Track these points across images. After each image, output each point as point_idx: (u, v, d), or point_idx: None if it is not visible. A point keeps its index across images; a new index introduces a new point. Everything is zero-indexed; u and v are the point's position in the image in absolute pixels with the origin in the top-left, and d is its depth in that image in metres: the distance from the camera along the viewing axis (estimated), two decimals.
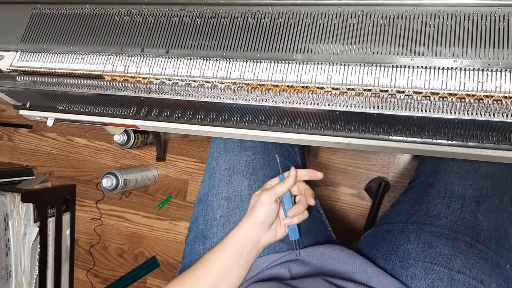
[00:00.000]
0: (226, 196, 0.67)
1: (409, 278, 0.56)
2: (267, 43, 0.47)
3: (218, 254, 0.57)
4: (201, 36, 0.49)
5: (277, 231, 0.60)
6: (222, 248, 0.57)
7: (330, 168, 1.12)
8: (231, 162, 0.68)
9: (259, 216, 0.57)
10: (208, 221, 0.67)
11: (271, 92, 0.47)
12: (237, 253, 0.57)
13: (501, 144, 0.46)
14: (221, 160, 0.69)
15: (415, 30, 0.43)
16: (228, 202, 0.66)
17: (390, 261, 0.59)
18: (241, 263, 0.57)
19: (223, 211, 0.66)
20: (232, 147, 0.69)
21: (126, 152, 1.28)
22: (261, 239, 0.58)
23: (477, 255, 0.54)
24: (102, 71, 0.52)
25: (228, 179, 0.67)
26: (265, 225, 0.58)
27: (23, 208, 1.10)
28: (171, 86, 0.50)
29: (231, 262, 0.56)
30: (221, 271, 0.56)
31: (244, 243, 0.57)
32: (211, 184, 0.69)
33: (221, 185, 0.68)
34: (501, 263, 0.55)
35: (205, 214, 0.68)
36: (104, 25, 0.53)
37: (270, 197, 0.57)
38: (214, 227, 0.66)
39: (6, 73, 0.57)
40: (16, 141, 1.39)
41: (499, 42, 0.40)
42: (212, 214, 0.67)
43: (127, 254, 1.28)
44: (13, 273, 1.09)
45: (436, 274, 0.55)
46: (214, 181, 0.69)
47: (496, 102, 0.40)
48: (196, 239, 0.68)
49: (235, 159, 0.68)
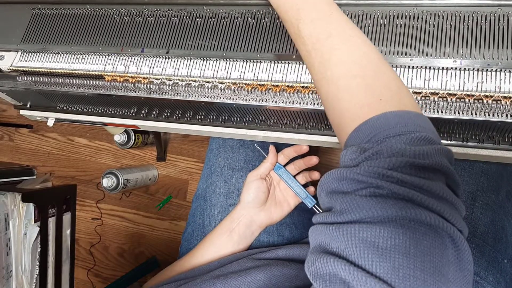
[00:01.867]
0: (224, 193, 0.67)
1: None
2: (267, 43, 0.47)
3: (211, 235, 0.61)
4: (201, 36, 0.49)
5: (272, 212, 0.62)
6: (215, 229, 0.61)
7: (329, 168, 1.12)
8: (230, 159, 0.69)
9: (247, 196, 0.60)
10: (206, 216, 0.68)
11: (271, 92, 0.47)
12: (228, 233, 0.60)
13: (500, 144, 0.46)
14: (220, 157, 0.70)
15: (415, 30, 0.43)
16: (226, 198, 0.67)
17: None
18: (233, 243, 0.60)
19: (221, 207, 0.66)
20: (231, 144, 0.69)
21: (127, 152, 1.28)
22: (255, 220, 0.60)
23: (473, 249, 0.54)
24: (103, 71, 0.52)
25: (227, 176, 0.68)
26: (256, 204, 0.60)
27: (23, 208, 1.10)
28: (171, 86, 0.50)
29: (223, 242, 0.59)
30: (213, 252, 0.59)
31: (237, 224, 0.60)
32: (209, 181, 0.70)
33: (219, 182, 0.68)
34: (498, 258, 0.55)
35: (202, 210, 0.69)
36: (104, 25, 0.53)
37: (254, 174, 0.60)
38: (212, 223, 0.66)
39: (6, 73, 0.57)
40: (17, 141, 1.39)
41: (499, 42, 0.40)
42: (210, 210, 0.67)
43: (127, 254, 1.29)
44: (14, 273, 1.09)
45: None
46: (212, 178, 0.69)
47: (495, 102, 0.40)
48: (193, 234, 0.68)
49: (234, 156, 0.69)
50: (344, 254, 0.29)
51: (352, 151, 0.33)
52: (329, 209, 0.33)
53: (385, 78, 0.35)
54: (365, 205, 0.30)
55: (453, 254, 0.29)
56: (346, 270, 0.28)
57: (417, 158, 0.30)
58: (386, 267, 0.27)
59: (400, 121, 0.32)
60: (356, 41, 0.37)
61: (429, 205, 0.29)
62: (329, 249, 0.30)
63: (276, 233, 0.64)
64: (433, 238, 0.28)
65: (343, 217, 0.30)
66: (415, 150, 0.30)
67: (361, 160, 0.32)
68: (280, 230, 0.65)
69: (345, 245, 0.29)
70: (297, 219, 0.67)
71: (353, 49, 0.37)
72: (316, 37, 0.38)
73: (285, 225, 0.65)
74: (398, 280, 0.26)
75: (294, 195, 0.63)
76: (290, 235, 0.65)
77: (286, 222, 0.65)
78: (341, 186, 0.32)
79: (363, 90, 0.35)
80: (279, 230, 0.64)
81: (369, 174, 0.30)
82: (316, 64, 0.38)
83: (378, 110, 0.33)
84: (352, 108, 0.35)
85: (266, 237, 0.64)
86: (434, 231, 0.28)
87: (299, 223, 0.67)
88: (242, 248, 0.61)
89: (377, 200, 0.29)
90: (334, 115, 0.38)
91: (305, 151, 0.61)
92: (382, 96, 0.34)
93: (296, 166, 0.63)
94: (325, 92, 0.38)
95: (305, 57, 0.40)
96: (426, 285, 0.26)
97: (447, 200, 0.30)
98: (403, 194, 0.29)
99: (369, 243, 0.28)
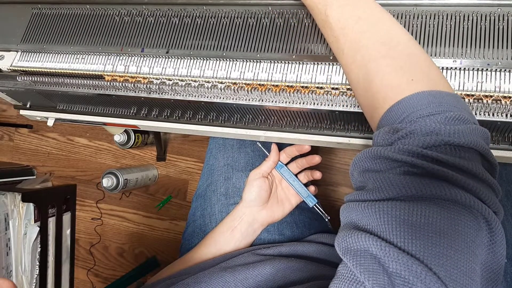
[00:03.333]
0: (224, 192, 0.67)
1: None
2: (267, 43, 0.47)
3: (212, 233, 0.62)
4: (201, 36, 0.49)
5: (274, 210, 0.62)
6: (217, 228, 0.62)
7: (330, 168, 1.12)
8: (230, 158, 0.69)
9: (250, 194, 0.60)
10: (206, 216, 0.68)
11: (271, 92, 0.47)
12: (230, 231, 0.60)
13: (500, 144, 0.46)
14: (220, 156, 0.70)
15: (414, 30, 0.43)
16: (227, 197, 0.67)
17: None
18: (235, 241, 0.60)
19: (221, 207, 0.66)
20: (231, 144, 0.70)
21: (126, 152, 1.28)
22: (257, 218, 0.60)
23: None
24: (103, 71, 0.52)
25: (227, 175, 0.68)
26: (258, 202, 0.60)
27: (23, 208, 1.10)
28: (171, 86, 0.50)
29: (225, 240, 0.60)
30: (215, 249, 0.60)
31: (238, 222, 0.60)
32: (209, 180, 0.70)
33: (219, 181, 0.68)
34: None
35: (203, 209, 0.69)
36: (104, 25, 0.53)
37: (256, 173, 0.60)
38: (212, 222, 0.66)
39: (6, 73, 0.57)
40: (17, 141, 1.39)
41: (499, 42, 0.40)
42: (210, 209, 0.67)
43: (127, 253, 1.29)
44: (14, 273, 1.09)
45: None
46: (212, 177, 0.69)
47: (495, 102, 0.40)
48: (193, 233, 0.68)
49: (234, 156, 0.69)
50: (376, 231, 0.29)
51: (385, 132, 0.32)
52: (362, 188, 0.33)
53: (415, 58, 0.35)
54: (398, 183, 0.29)
55: (487, 236, 0.29)
56: (378, 246, 0.27)
57: (452, 137, 0.30)
58: (419, 245, 0.26)
59: (433, 101, 0.32)
60: (384, 23, 0.37)
61: (464, 185, 0.28)
62: (360, 226, 0.30)
63: (277, 231, 0.64)
64: (468, 219, 0.28)
65: (376, 195, 0.30)
66: (450, 129, 0.30)
67: (394, 140, 0.32)
68: (281, 229, 0.65)
69: (377, 222, 0.29)
70: (298, 217, 0.67)
71: (382, 31, 0.37)
72: (344, 22, 0.38)
73: (286, 223, 0.65)
74: (430, 257, 0.26)
75: (295, 194, 0.63)
76: (291, 234, 0.65)
77: (287, 220, 0.65)
78: (375, 165, 0.32)
79: (394, 71, 0.34)
80: (280, 228, 0.65)
81: (403, 152, 0.30)
82: (345, 49, 0.38)
83: (410, 90, 0.33)
84: (384, 89, 0.34)
85: (267, 235, 0.64)
86: (469, 211, 0.28)
87: (300, 222, 0.67)
88: (243, 246, 0.61)
89: (411, 179, 0.29)
90: (366, 98, 0.37)
91: (307, 150, 0.62)
92: (414, 76, 0.33)
93: (298, 164, 0.63)
94: (356, 76, 0.37)
95: (333, 42, 0.40)
96: (459, 265, 0.26)
97: (483, 181, 0.29)
98: (438, 173, 0.29)
99: (402, 220, 0.28)
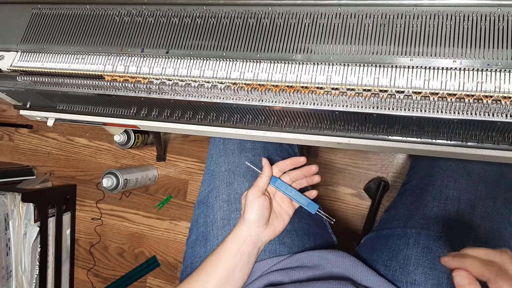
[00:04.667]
0: (226, 198, 0.66)
1: (409, 284, 0.57)
2: (267, 43, 0.47)
3: (220, 256, 0.57)
4: (201, 36, 0.49)
5: (275, 226, 0.60)
6: (223, 251, 0.58)
7: (329, 168, 1.12)
8: (231, 163, 0.68)
9: (251, 214, 0.57)
10: (209, 223, 0.67)
11: (271, 92, 0.47)
12: (239, 254, 0.57)
13: (500, 144, 0.46)
14: (220, 161, 0.69)
15: (414, 30, 0.43)
16: (229, 204, 0.66)
17: (390, 268, 0.60)
18: (243, 263, 0.57)
19: (224, 213, 0.66)
20: (231, 149, 0.69)
21: (126, 152, 1.28)
22: (261, 237, 0.59)
23: None
24: (103, 71, 0.52)
25: (229, 181, 0.67)
26: (261, 222, 0.58)
27: (23, 208, 1.10)
28: (171, 86, 0.50)
29: (234, 264, 0.57)
30: (224, 273, 0.56)
31: (245, 244, 0.57)
32: (211, 186, 0.69)
33: (221, 187, 0.67)
34: None
35: (205, 216, 0.68)
36: (104, 26, 0.53)
37: (255, 192, 0.58)
38: (214, 230, 0.66)
39: (6, 73, 0.57)
40: (17, 141, 1.39)
41: (499, 42, 0.40)
42: (213, 217, 0.67)
43: (127, 253, 1.29)
44: (14, 273, 1.09)
45: (435, 279, 0.55)
46: (214, 183, 0.68)
47: (495, 102, 0.40)
48: (196, 241, 0.68)
49: (235, 161, 0.68)
50: None
51: None
52: None
53: None
54: None
55: None
56: None
57: None
58: None
59: None
60: None
61: None
62: None
63: (277, 240, 0.64)
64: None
65: None
66: None
67: None
68: (281, 238, 0.64)
69: None
70: (297, 225, 0.67)
71: None
72: None
73: (286, 232, 0.64)
74: None
75: (289, 203, 0.62)
76: (291, 242, 0.65)
77: (287, 229, 0.64)
78: None
79: None
80: (280, 238, 0.64)
81: None
82: None
83: None
84: None
85: (267, 245, 0.63)
86: None
87: (299, 229, 0.66)
88: (251, 267, 0.59)
89: None
90: None
91: (303, 163, 0.60)
92: None
93: (292, 177, 0.62)
94: None
95: None
96: None
97: None
98: None
99: None
